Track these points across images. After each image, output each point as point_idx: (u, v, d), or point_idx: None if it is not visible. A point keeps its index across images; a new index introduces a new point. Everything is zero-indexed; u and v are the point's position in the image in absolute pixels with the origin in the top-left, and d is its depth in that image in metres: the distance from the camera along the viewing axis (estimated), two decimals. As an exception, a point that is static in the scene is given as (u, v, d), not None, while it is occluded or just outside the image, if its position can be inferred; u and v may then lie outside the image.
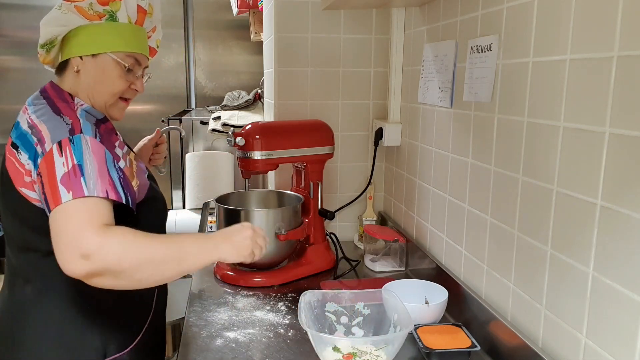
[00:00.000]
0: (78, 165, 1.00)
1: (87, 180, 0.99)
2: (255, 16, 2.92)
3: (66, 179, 0.98)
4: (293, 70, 1.84)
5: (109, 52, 1.19)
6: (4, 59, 3.53)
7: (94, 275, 0.94)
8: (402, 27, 1.78)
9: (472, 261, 1.31)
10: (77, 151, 1.02)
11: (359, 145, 1.93)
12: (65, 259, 0.94)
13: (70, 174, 0.99)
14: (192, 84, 3.83)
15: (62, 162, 1.00)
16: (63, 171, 0.99)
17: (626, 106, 0.80)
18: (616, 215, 0.82)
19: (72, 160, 1.01)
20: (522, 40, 1.07)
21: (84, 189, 0.98)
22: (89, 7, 1.15)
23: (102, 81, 1.20)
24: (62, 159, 1.00)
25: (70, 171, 0.99)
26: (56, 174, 0.99)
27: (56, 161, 1.00)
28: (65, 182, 0.98)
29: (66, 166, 1.00)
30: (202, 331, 1.28)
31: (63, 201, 0.96)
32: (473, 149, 1.30)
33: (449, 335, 1.19)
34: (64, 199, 0.96)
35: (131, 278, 0.98)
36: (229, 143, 1.56)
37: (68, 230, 0.95)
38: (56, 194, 0.97)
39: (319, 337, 1.06)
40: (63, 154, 1.01)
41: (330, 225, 1.94)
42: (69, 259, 0.93)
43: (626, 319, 0.81)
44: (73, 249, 0.93)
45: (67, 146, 1.02)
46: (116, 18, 1.19)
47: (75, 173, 0.99)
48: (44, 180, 1.00)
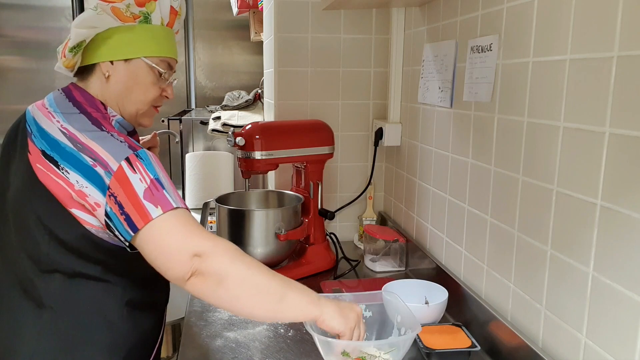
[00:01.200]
0: (155, 179, 0.97)
1: (169, 193, 0.97)
2: (255, 16, 2.92)
3: (149, 194, 0.95)
4: (293, 70, 1.84)
5: (143, 57, 1.12)
6: (4, 59, 3.53)
7: (199, 274, 0.92)
8: (402, 27, 1.78)
9: (472, 261, 1.31)
10: (148, 165, 0.98)
11: (359, 145, 1.93)
12: (174, 260, 0.92)
13: (152, 189, 0.95)
14: (192, 84, 3.83)
15: (138, 179, 0.95)
16: (143, 187, 0.95)
17: (626, 106, 0.80)
18: (616, 215, 0.82)
19: (148, 175, 0.96)
20: (522, 40, 1.07)
21: (171, 202, 0.95)
22: (126, 9, 1.08)
23: (135, 88, 1.13)
24: (137, 176, 0.96)
25: (150, 186, 0.95)
26: (136, 190, 0.94)
27: (132, 179, 0.95)
28: (149, 198, 0.94)
29: (144, 182, 0.95)
30: (202, 331, 1.28)
31: (154, 217, 0.93)
32: (473, 149, 1.30)
33: (449, 335, 1.19)
34: (154, 214, 0.93)
35: (229, 293, 0.93)
36: (229, 143, 1.56)
37: (173, 240, 0.93)
38: (142, 210, 0.93)
39: (327, 342, 1.06)
40: (136, 171, 0.96)
41: (330, 225, 1.94)
42: (178, 259, 0.92)
43: (626, 319, 0.81)
44: (184, 249, 0.92)
45: (137, 162, 0.97)
46: (150, 20, 1.12)
47: (156, 187, 0.96)
48: (122, 200, 0.94)
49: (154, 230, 0.94)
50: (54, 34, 3.90)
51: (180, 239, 0.93)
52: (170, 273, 0.93)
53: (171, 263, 0.93)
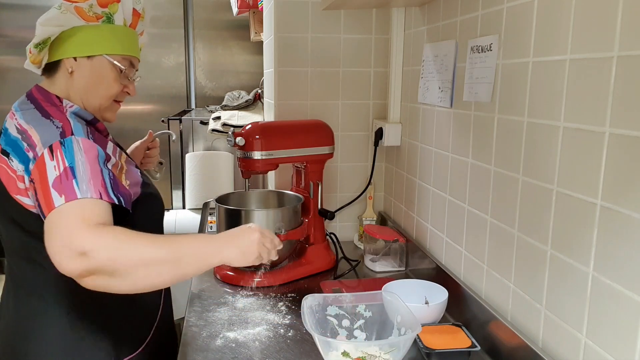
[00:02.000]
0: (70, 167, 0.98)
1: (80, 183, 0.97)
2: (255, 16, 2.92)
3: (58, 182, 0.96)
4: (293, 70, 1.84)
5: (105, 55, 1.18)
6: (4, 59, 3.53)
7: (88, 273, 0.91)
8: (402, 27, 1.78)
9: (472, 261, 1.31)
10: (68, 153, 1.00)
11: (359, 145, 1.93)
12: (60, 257, 0.91)
13: (62, 178, 0.96)
14: (192, 84, 3.83)
15: (53, 166, 0.98)
16: (55, 175, 0.97)
17: (626, 106, 0.80)
18: (616, 215, 0.82)
19: (64, 163, 0.98)
20: (522, 40, 1.07)
21: (77, 192, 0.96)
22: (89, 9, 1.14)
23: (98, 83, 1.19)
24: (53, 163, 0.98)
25: (62, 174, 0.97)
26: (48, 178, 0.97)
27: (47, 166, 0.98)
28: (57, 186, 0.96)
29: (57, 170, 0.97)
30: (202, 331, 1.28)
31: (56, 205, 0.94)
32: (473, 149, 1.30)
33: (449, 335, 1.19)
34: (57, 203, 0.94)
35: (125, 279, 0.93)
36: (229, 143, 1.56)
37: (61, 229, 0.93)
38: (49, 199, 0.95)
39: (327, 342, 1.06)
40: (54, 158, 0.99)
41: (330, 225, 1.94)
42: (64, 257, 0.91)
43: (626, 319, 0.81)
44: (67, 247, 0.91)
45: (58, 149, 1.00)
46: (113, 20, 1.18)
47: (67, 176, 0.97)
48: (37, 187, 0.98)
49: (53, 216, 0.94)
50: (54, 34, 3.87)
51: (68, 230, 0.92)
52: (63, 269, 0.92)
53: (61, 259, 0.91)
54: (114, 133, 1.23)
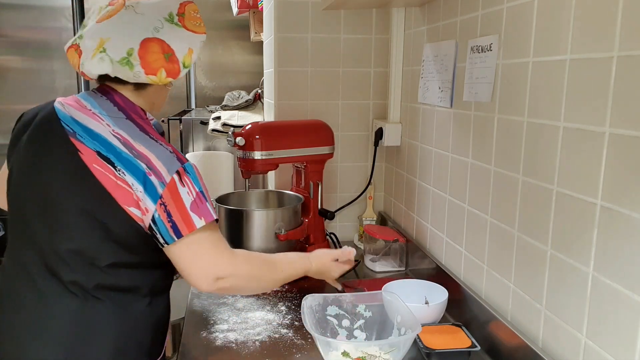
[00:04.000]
0: (200, 192, 1.09)
1: (210, 205, 1.10)
2: (255, 16, 2.92)
3: (195, 206, 1.07)
4: (293, 70, 1.84)
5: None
6: (4, 59, 3.53)
7: (220, 289, 1.12)
8: (402, 27, 1.78)
9: (472, 261, 1.31)
10: (194, 180, 1.09)
11: (359, 145, 1.93)
12: (202, 281, 1.10)
13: (197, 202, 1.08)
14: (192, 84, 3.83)
15: (186, 192, 1.07)
16: (190, 199, 1.07)
17: (626, 106, 0.80)
18: (616, 215, 0.82)
19: (195, 188, 1.08)
20: (522, 40, 1.07)
21: (212, 213, 1.09)
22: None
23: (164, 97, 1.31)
24: (185, 189, 1.07)
25: (196, 199, 1.08)
26: (184, 202, 1.06)
27: (181, 191, 1.06)
28: (195, 210, 1.07)
29: (191, 195, 1.07)
30: (202, 331, 1.28)
31: (197, 227, 1.06)
32: (473, 149, 1.30)
33: (449, 335, 1.19)
34: (198, 224, 1.06)
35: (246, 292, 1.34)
36: (229, 143, 1.56)
37: (205, 257, 1.10)
38: (189, 220, 1.06)
39: (327, 342, 1.06)
40: (185, 184, 1.07)
41: (330, 225, 1.94)
42: (206, 281, 1.10)
43: (626, 319, 0.81)
44: (211, 274, 1.10)
45: (185, 176, 1.08)
46: None
47: (201, 200, 1.08)
48: (171, 210, 1.06)
49: (193, 240, 1.08)
50: (54, 34, 3.90)
51: (208, 261, 1.10)
52: (194, 284, 1.11)
53: (197, 280, 1.10)
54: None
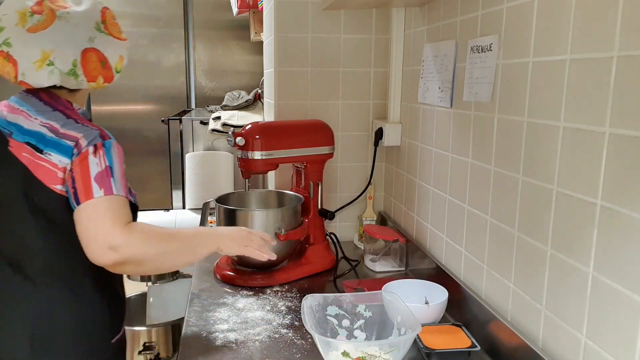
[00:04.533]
0: (109, 166, 1.14)
1: (115, 181, 1.13)
2: (255, 16, 2.92)
3: (99, 177, 1.12)
4: (293, 70, 1.84)
5: None
6: (4, 59, 3.53)
7: (118, 264, 1.10)
8: (402, 27, 1.78)
9: (472, 261, 1.31)
10: (108, 154, 1.15)
11: (359, 145, 1.93)
12: (94, 249, 1.09)
13: (103, 174, 1.12)
14: (192, 84, 3.83)
15: (96, 162, 1.13)
16: (97, 170, 1.12)
17: (626, 106, 0.80)
18: (616, 215, 0.82)
19: (105, 162, 1.14)
20: (522, 40, 1.07)
21: (113, 188, 1.12)
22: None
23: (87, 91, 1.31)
24: (96, 160, 1.13)
25: (103, 171, 1.13)
26: (90, 172, 1.12)
27: (90, 161, 1.13)
28: (98, 180, 1.11)
29: (99, 166, 1.13)
30: (202, 331, 1.28)
31: (95, 196, 1.10)
32: (473, 149, 1.30)
33: (449, 335, 1.19)
34: (96, 194, 1.10)
35: (149, 266, 1.20)
36: (229, 143, 1.56)
37: (99, 225, 1.10)
38: (89, 189, 1.10)
39: (327, 342, 1.06)
40: (97, 156, 1.14)
41: (330, 225, 1.94)
42: (99, 250, 1.09)
43: (626, 319, 0.81)
44: (103, 242, 1.08)
45: (101, 150, 1.15)
46: None
47: (107, 173, 1.13)
48: (76, 177, 1.11)
49: (90, 209, 1.10)
50: (54, 34, 3.87)
51: (105, 226, 1.10)
52: (90, 254, 1.10)
53: (89, 248, 1.10)
54: (114, 133, 1.23)
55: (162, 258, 1.16)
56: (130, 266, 1.14)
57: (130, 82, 3.78)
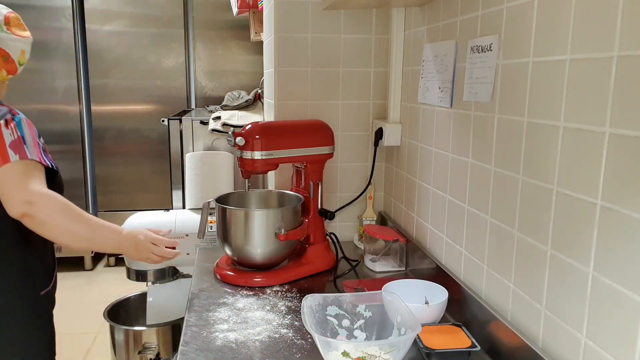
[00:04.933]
0: (21, 136, 1.33)
1: (29, 148, 1.33)
2: (255, 16, 2.92)
3: (13, 145, 1.31)
4: (293, 70, 1.84)
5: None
6: (4, 59, 3.53)
7: (29, 216, 1.27)
8: (402, 27, 1.78)
9: (472, 261, 1.31)
10: (18, 127, 1.35)
11: (359, 145, 1.93)
12: (11, 201, 1.28)
13: (17, 142, 1.32)
14: (192, 84, 3.83)
15: (9, 133, 1.32)
16: (10, 139, 1.31)
17: (626, 106, 0.80)
18: (616, 215, 0.82)
19: (17, 132, 1.33)
20: (522, 40, 1.07)
21: (27, 153, 1.32)
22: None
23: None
24: (8, 131, 1.32)
25: (16, 140, 1.32)
26: (5, 140, 1.30)
27: (4, 132, 1.32)
28: (13, 147, 1.30)
29: (12, 136, 1.32)
30: (202, 331, 1.28)
31: (12, 160, 1.29)
32: (473, 149, 1.30)
33: (449, 335, 1.19)
34: (12, 159, 1.29)
35: (50, 232, 1.32)
36: (229, 143, 1.56)
37: (17, 179, 1.28)
38: (5, 155, 1.29)
39: (327, 342, 1.06)
40: (9, 128, 1.33)
41: (330, 225, 1.94)
42: (15, 202, 1.27)
43: (626, 319, 0.81)
44: (19, 197, 1.27)
45: (12, 123, 1.34)
46: None
47: (20, 142, 1.32)
48: None
49: (10, 168, 1.29)
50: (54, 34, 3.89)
51: (20, 185, 1.28)
52: (7, 208, 1.29)
53: (9, 202, 1.28)
54: (114, 134, 1.25)
55: (65, 233, 1.32)
56: (34, 223, 1.29)
57: (130, 82, 3.78)
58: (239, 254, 1.57)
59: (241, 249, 1.55)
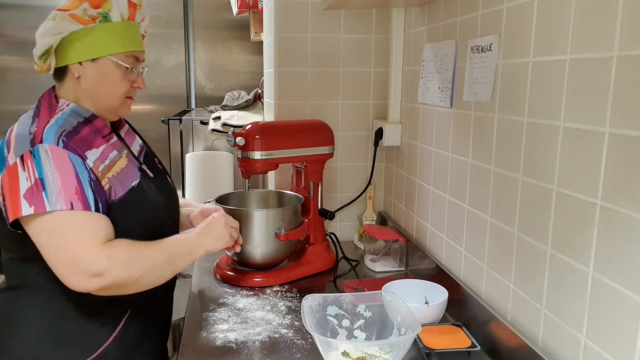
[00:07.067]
0: (40, 179, 1.04)
1: (49, 195, 1.03)
2: (255, 16, 2.92)
3: (29, 194, 1.03)
4: (293, 70, 1.84)
5: (108, 55, 1.18)
6: (4, 59, 3.53)
7: (103, 289, 1.05)
8: (402, 27, 1.78)
9: (472, 261, 1.31)
10: (37, 164, 1.05)
11: (359, 145, 1.93)
12: (72, 277, 1.03)
13: (33, 189, 1.03)
14: (192, 84, 3.83)
15: (25, 177, 1.04)
16: (27, 186, 1.04)
17: (626, 106, 0.80)
18: (616, 215, 0.82)
19: (34, 174, 1.04)
20: (522, 40, 1.07)
21: (46, 204, 1.03)
22: (83, 13, 1.14)
23: (105, 85, 1.20)
24: (25, 174, 1.04)
25: (33, 186, 1.03)
26: (20, 188, 1.04)
27: (20, 176, 1.04)
28: (28, 197, 1.03)
29: (29, 181, 1.04)
30: (202, 331, 1.28)
31: (23, 214, 1.02)
32: (473, 149, 1.30)
33: (449, 335, 1.19)
34: (25, 212, 1.02)
35: (135, 285, 1.11)
36: (229, 143, 1.56)
37: (69, 248, 1.03)
38: (17, 206, 1.03)
39: (327, 342, 1.06)
40: (25, 169, 1.05)
41: (330, 225, 1.94)
42: (77, 278, 1.03)
43: (626, 319, 0.81)
44: (81, 269, 1.02)
45: (29, 160, 1.05)
46: (109, 18, 1.17)
47: (38, 188, 1.03)
48: (5, 192, 1.05)
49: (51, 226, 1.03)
50: (54, 34, 3.87)
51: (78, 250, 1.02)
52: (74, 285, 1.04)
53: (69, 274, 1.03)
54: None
55: (148, 276, 1.12)
56: (116, 290, 1.08)
57: (130, 82, 3.78)
58: (239, 254, 1.57)
59: (241, 249, 1.55)
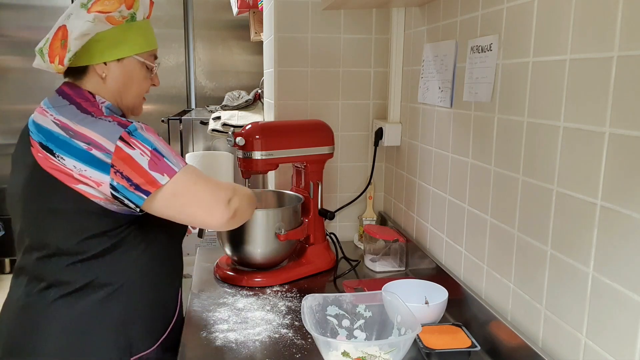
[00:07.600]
0: (154, 150, 1.08)
1: (169, 159, 1.09)
2: (255, 16, 2.93)
3: (153, 165, 1.07)
4: (293, 70, 1.84)
5: (134, 55, 1.19)
6: (4, 59, 3.53)
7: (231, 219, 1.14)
8: (402, 27, 1.78)
9: (472, 261, 1.31)
10: (143, 139, 1.08)
11: (359, 145, 1.93)
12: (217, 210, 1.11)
13: (154, 160, 1.07)
14: (192, 84, 3.84)
15: (139, 154, 1.06)
16: (146, 160, 1.07)
17: (626, 106, 0.80)
18: (616, 215, 0.82)
19: (147, 147, 1.08)
20: (522, 40, 1.07)
21: (173, 167, 1.09)
22: (119, 14, 1.15)
23: (132, 84, 1.22)
24: (137, 151, 1.06)
25: (152, 158, 1.07)
26: (140, 164, 1.06)
27: (133, 154, 1.06)
28: (154, 168, 1.07)
29: (145, 155, 1.07)
30: (202, 331, 1.28)
31: (162, 183, 1.07)
32: (473, 149, 1.30)
33: (449, 335, 1.19)
34: (162, 181, 1.07)
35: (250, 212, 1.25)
36: (229, 143, 1.56)
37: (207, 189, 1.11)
38: (151, 180, 1.06)
39: (327, 342, 1.06)
40: (134, 147, 1.07)
41: (330, 225, 1.94)
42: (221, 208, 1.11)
43: (626, 319, 0.81)
44: (221, 201, 1.11)
45: (131, 139, 1.07)
46: (136, 18, 1.18)
47: (157, 157, 1.08)
48: (129, 174, 1.06)
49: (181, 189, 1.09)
50: (54, 34, 3.87)
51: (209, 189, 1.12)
52: (217, 218, 1.12)
53: (215, 211, 1.12)
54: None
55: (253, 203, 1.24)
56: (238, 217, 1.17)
57: (130, 82, 3.78)
58: (239, 254, 1.57)
59: (241, 249, 1.55)
